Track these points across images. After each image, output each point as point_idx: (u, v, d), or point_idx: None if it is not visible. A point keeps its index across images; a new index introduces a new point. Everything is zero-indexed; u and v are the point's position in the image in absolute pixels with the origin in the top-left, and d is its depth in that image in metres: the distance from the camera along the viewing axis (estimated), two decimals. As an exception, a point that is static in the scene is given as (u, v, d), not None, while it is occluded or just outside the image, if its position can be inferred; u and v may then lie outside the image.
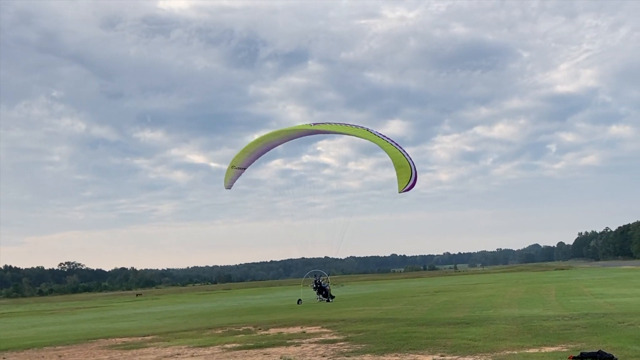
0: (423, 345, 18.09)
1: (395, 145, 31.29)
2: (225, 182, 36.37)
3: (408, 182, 30.32)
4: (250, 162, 35.83)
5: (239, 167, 35.55)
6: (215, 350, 20.08)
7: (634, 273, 74.03)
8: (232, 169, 35.37)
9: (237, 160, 35.33)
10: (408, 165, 30.53)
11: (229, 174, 35.82)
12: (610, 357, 13.72)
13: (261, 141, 35.00)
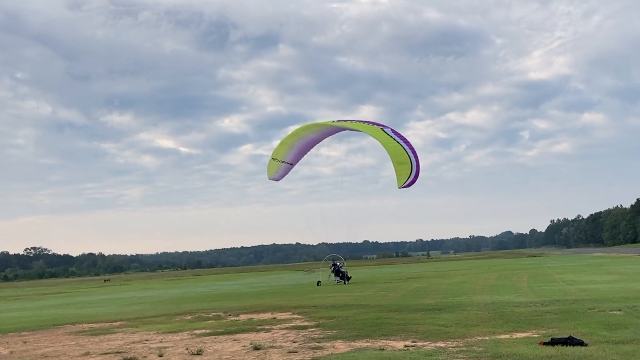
0: (395, 331, 18.20)
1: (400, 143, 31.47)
2: (269, 174, 36.50)
3: (407, 179, 30.67)
4: (295, 157, 35.96)
5: (285, 162, 35.61)
6: (185, 336, 20.03)
7: (605, 260, 75.07)
8: (274, 161, 35.44)
9: (279, 154, 35.43)
10: (409, 161, 30.87)
11: (272, 166, 35.92)
12: (580, 343, 13.90)
13: (296, 135, 35.17)
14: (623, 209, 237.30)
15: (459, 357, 13.36)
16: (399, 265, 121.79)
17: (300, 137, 34.98)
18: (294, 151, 35.46)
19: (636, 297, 23.61)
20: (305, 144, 35.69)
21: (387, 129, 32.53)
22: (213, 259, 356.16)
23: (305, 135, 34.99)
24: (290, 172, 36.38)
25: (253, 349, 16.13)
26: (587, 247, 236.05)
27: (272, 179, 36.64)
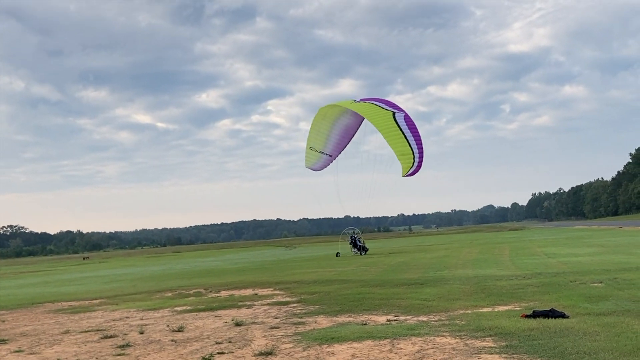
0: (377, 305, 18.32)
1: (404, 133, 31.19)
2: (307, 163, 36.07)
3: (411, 168, 30.65)
4: (334, 148, 35.40)
5: (324, 153, 35.13)
6: (165, 313, 20.06)
7: (586, 233, 75.81)
8: (312, 150, 34.97)
9: (316, 143, 34.99)
10: (410, 152, 30.78)
11: (311, 156, 35.46)
12: (561, 315, 14.06)
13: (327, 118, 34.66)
14: (604, 182, 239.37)
15: (442, 330, 13.48)
16: (380, 240, 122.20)
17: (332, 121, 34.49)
18: (332, 142, 34.99)
19: (617, 270, 23.89)
20: (342, 133, 35.22)
21: (400, 114, 32.01)
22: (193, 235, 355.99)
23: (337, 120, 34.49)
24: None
25: (235, 325, 16.18)
26: (569, 220, 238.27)
27: (310, 168, 36.24)
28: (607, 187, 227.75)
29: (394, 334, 13.27)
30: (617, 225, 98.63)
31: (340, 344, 12.62)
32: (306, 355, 11.81)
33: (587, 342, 11.13)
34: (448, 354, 11.09)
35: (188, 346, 13.63)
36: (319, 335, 13.74)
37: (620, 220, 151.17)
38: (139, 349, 13.70)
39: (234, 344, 13.51)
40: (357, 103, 33.25)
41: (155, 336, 15.36)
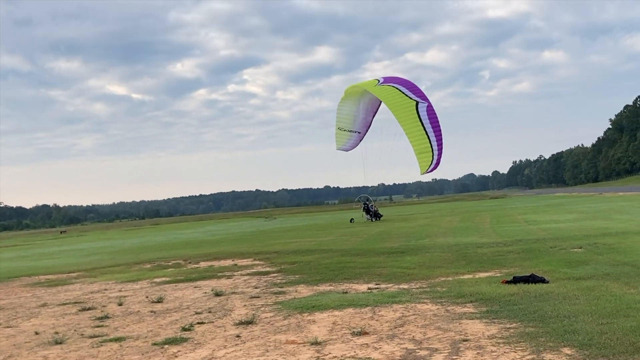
0: (358, 274, 18.43)
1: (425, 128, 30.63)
2: (338, 144, 35.75)
3: (429, 166, 30.26)
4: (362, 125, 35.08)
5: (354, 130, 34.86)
6: (144, 285, 20.07)
7: (566, 199, 76.49)
8: (341, 130, 34.66)
9: (345, 123, 34.64)
10: (430, 150, 30.24)
11: (342, 137, 35.12)
12: (542, 280, 14.23)
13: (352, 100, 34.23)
14: (584, 149, 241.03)
15: (423, 297, 13.61)
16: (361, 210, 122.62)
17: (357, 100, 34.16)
18: (359, 119, 34.74)
19: (597, 235, 24.16)
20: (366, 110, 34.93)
21: (423, 105, 31.21)
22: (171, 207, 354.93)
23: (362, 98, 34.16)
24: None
25: (214, 295, 16.23)
26: (549, 187, 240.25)
27: (341, 149, 35.98)
28: (588, 154, 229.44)
29: (375, 301, 13.38)
30: (597, 192, 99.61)
31: (321, 312, 12.71)
32: (287, 323, 11.88)
33: (567, 306, 11.29)
34: (429, 320, 11.21)
35: (167, 317, 13.67)
36: (300, 304, 13.82)
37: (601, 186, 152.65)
38: (118, 320, 13.72)
39: (214, 313, 13.57)
40: (380, 86, 32.44)
41: (134, 307, 15.38)
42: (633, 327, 9.38)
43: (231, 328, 11.84)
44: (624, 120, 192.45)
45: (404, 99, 31.47)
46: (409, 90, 32.17)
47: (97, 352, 10.71)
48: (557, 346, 8.77)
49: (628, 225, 28.48)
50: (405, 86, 32.28)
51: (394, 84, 32.64)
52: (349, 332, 10.69)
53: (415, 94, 32.07)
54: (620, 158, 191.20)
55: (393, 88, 31.77)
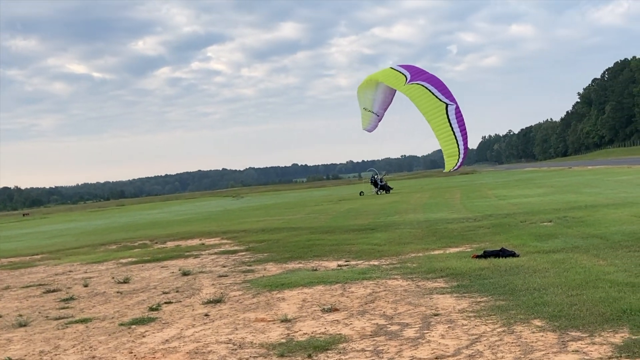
0: (327, 252, 18.49)
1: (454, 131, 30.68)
2: (364, 124, 35.85)
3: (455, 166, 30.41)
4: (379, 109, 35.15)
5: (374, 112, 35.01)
6: (110, 266, 19.96)
7: (536, 174, 77.27)
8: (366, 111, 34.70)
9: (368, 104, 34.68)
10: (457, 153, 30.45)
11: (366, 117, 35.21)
12: (512, 254, 14.40)
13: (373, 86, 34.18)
14: (553, 123, 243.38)
15: (393, 273, 13.70)
16: (329, 187, 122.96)
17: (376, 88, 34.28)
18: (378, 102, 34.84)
19: (566, 209, 24.45)
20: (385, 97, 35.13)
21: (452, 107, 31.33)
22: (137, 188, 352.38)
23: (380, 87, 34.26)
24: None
25: (182, 274, 16.19)
26: (519, 162, 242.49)
27: (366, 129, 36.31)
28: (556, 128, 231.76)
29: (345, 278, 13.44)
30: (566, 166, 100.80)
31: (291, 289, 12.74)
32: (256, 301, 11.90)
33: (537, 279, 11.44)
34: (400, 296, 11.29)
35: (134, 297, 13.63)
36: (269, 282, 13.84)
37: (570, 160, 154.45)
38: (84, 301, 13.65)
39: (181, 293, 13.55)
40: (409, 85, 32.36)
41: (100, 288, 15.30)
42: (602, 297, 9.54)
43: (199, 307, 11.83)
44: (592, 94, 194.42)
45: (434, 100, 31.93)
46: (438, 90, 32.64)
47: (63, 333, 10.66)
48: (527, 318, 8.90)
49: (597, 198, 28.87)
50: (433, 84, 32.69)
51: (422, 81, 32.98)
52: (319, 309, 10.74)
53: (444, 95, 32.62)
54: (589, 132, 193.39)
55: (422, 88, 32.06)
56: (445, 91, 32.86)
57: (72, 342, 9.99)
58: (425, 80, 33.25)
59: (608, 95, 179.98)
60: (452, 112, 30.81)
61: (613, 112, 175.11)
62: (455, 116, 31.06)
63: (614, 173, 54.85)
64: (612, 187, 36.09)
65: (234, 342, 9.11)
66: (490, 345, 7.89)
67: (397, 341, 8.43)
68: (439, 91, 32.67)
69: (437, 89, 32.73)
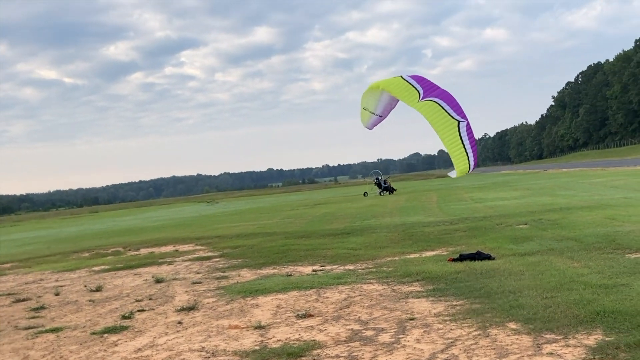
0: (303, 257, 18.45)
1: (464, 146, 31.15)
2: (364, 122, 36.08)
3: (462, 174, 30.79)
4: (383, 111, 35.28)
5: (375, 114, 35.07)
6: (82, 274, 19.77)
7: (512, 177, 77.79)
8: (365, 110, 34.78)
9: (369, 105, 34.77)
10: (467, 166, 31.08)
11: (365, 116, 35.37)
12: (488, 257, 14.47)
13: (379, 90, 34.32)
14: (528, 126, 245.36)
15: (369, 277, 13.70)
16: (305, 192, 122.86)
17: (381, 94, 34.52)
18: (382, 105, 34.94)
19: (542, 211, 24.62)
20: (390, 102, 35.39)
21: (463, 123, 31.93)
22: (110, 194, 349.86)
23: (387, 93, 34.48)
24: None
25: (155, 282, 16.09)
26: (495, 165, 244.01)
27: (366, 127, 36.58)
28: (532, 131, 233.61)
29: (320, 283, 13.42)
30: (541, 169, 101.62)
31: (265, 295, 12.70)
32: (230, 308, 11.85)
33: (512, 282, 11.49)
34: (375, 300, 11.29)
35: (107, 305, 13.51)
36: (243, 288, 13.79)
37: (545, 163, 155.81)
38: (55, 310, 13.51)
39: (154, 300, 13.46)
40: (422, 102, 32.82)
41: (72, 297, 15.15)
42: (576, 299, 9.60)
43: (172, 315, 11.76)
44: (566, 97, 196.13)
45: (446, 118, 32.73)
46: (450, 107, 33.35)
47: (33, 343, 10.54)
48: (502, 321, 8.93)
49: (571, 200, 29.10)
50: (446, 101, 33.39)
51: (435, 98, 33.62)
52: (293, 315, 10.71)
53: (456, 112, 33.44)
54: (563, 135, 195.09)
55: (436, 105, 32.69)
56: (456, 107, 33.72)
57: (42, 352, 9.88)
58: (437, 96, 33.99)
59: (582, 99, 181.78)
60: (463, 129, 31.70)
61: (587, 115, 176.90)
62: (467, 132, 31.98)
63: (588, 175, 55.34)
64: (587, 190, 36.40)
65: (207, 350, 9.07)
66: (466, 349, 7.91)
67: (372, 346, 8.43)
68: (451, 108, 33.56)
69: (450, 105, 33.61)
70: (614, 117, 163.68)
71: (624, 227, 17.35)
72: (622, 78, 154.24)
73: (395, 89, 33.03)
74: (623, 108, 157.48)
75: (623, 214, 20.87)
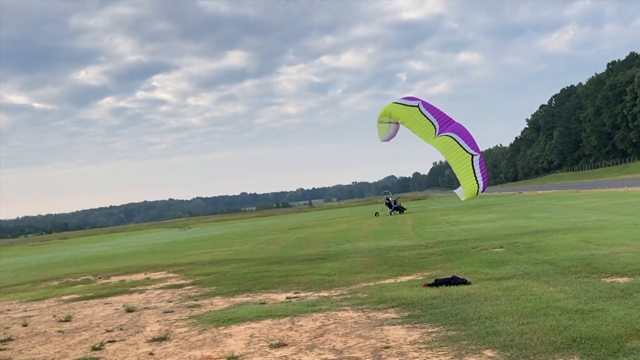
0: (276, 283, 18.35)
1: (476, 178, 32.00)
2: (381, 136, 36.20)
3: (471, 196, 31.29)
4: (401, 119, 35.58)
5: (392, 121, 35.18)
6: (51, 303, 19.50)
7: (487, 199, 78.17)
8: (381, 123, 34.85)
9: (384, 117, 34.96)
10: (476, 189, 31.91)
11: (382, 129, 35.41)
12: (463, 282, 14.49)
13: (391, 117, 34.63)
14: (503, 148, 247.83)
15: (343, 304, 13.64)
16: (279, 216, 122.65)
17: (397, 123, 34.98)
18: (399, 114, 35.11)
19: (517, 234, 24.76)
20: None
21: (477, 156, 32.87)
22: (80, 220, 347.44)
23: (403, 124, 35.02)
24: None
25: (126, 311, 15.90)
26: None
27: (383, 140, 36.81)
28: (506, 154, 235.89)
29: (293, 311, 13.34)
30: (517, 191, 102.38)
31: (238, 324, 12.59)
32: (202, 338, 11.72)
33: (488, 307, 11.50)
34: (350, 328, 11.23)
35: (76, 336, 13.32)
36: (216, 317, 13.66)
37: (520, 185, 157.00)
38: (23, 342, 13.29)
39: (125, 331, 13.29)
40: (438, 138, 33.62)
41: (40, 328, 14.92)
42: (552, 325, 9.62)
43: (144, 345, 11.61)
44: (540, 120, 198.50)
45: (461, 152, 33.78)
46: (464, 141, 34.30)
47: (-1, 377, 10.35)
48: (479, 349, 8.91)
49: (547, 223, 29.30)
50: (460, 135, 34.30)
51: (450, 132, 34.54)
52: (266, 344, 10.61)
53: (470, 146, 34.49)
54: (538, 157, 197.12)
55: (451, 140, 33.62)
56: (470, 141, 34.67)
57: (8, 386, 9.70)
58: (452, 130, 34.88)
59: (556, 121, 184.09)
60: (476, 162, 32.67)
61: (561, 138, 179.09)
62: (479, 165, 32.86)
63: (563, 198, 55.80)
64: (562, 212, 36.69)
65: (179, 381, 8.95)
66: (442, 377, 7.87)
67: (347, 376, 8.36)
68: (466, 142, 34.51)
69: (464, 139, 34.55)
70: (587, 139, 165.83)
71: (600, 251, 17.47)
72: (595, 101, 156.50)
73: (413, 124, 33.76)
74: (596, 130, 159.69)
75: (598, 236, 21.04)
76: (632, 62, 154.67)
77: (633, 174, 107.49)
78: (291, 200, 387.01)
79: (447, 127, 35.36)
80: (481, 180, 32.35)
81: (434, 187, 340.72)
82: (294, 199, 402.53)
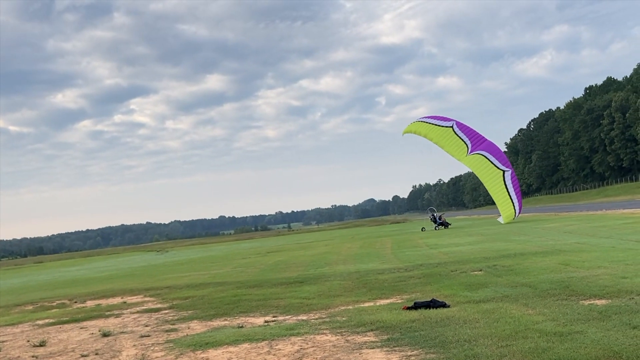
0: (254, 307, 18.28)
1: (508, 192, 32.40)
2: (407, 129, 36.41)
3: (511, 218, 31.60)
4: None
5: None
6: (25, 328, 19.29)
7: (466, 222, 78.60)
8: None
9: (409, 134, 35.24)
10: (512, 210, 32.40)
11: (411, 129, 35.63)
12: (442, 305, 14.51)
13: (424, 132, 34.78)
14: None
15: (322, 328, 13.60)
16: (258, 239, 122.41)
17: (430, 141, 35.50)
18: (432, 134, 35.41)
19: (496, 257, 24.85)
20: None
21: (508, 172, 33.23)
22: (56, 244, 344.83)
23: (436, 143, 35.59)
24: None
25: (102, 336, 15.76)
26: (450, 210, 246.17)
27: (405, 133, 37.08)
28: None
29: (272, 335, 13.29)
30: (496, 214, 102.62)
31: (215, 348, 12.52)
32: (179, 362, 11.64)
33: (467, 330, 11.51)
34: (328, 352, 11.20)
35: (50, 361, 13.18)
36: (193, 341, 13.58)
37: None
38: (-5, 368, 13.13)
39: (101, 355, 13.17)
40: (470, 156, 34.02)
41: (13, 353, 14.75)
42: (531, 348, 9.65)
43: (119, 370, 11.50)
44: (519, 144, 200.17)
45: (493, 169, 34.23)
46: (496, 158, 34.62)
47: (-30, 403, 10.21)
48: (457, 372, 8.91)
49: (525, 246, 29.45)
50: (492, 153, 34.57)
51: (482, 151, 34.84)
52: (245, 368, 10.55)
53: (501, 162, 34.92)
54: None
55: (482, 158, 34.03)
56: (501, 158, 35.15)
57: (-20, 413, 9.57)
58: (484, 149, 35.30)
59: (534, 145, 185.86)
60: (508, 178, 33.35)
61: (539, 161, 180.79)
62: (511, 181, 33.45)
63: (541, 220, 56.10)
64: (540, 235, 36.90)
65: (155, 406, 8.87)
66: (421, 401, 7.86)
67: (325, 400, 8.33)
68: (497, 159, 34.96)
69: (495, 156, 34.97)
70: (565, 163, 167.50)
71: (578, 273, 17.58)
72: (573, 125, 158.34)
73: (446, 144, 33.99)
74: (574, 154, 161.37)
75: (576, 259, 21.18)
76: (609, 87, 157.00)
77: (611, 197, 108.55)
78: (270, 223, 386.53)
79: (479, 146, 35.88)
80: (516, 201, 32.90)
81: (413, 210, 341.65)
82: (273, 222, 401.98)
